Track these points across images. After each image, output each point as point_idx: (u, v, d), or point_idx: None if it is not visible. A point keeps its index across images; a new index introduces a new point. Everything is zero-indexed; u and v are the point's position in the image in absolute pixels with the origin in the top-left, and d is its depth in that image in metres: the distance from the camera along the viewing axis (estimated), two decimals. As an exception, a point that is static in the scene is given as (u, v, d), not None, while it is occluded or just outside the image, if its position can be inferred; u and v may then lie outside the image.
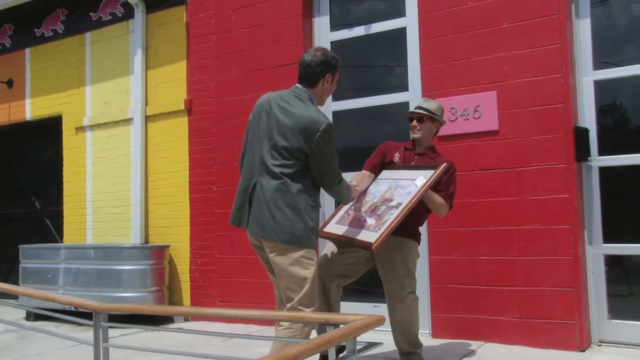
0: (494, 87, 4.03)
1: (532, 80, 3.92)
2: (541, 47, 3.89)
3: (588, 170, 3.95)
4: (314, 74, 2.70)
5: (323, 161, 2.60)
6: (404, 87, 4.53)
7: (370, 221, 2.96)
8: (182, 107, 5.53)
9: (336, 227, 3.10)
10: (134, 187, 5.75)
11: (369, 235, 2.86)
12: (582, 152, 3.87)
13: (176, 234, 5.52)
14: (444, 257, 4.15)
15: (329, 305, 3.07)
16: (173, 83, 5.66)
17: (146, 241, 5.69)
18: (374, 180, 3.26)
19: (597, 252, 3.91)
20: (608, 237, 3.89)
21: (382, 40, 4.72)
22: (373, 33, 4.74)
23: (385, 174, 3.27)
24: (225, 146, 5.22)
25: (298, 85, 2.75)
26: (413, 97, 4.43)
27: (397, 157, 3.26)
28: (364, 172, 3.29)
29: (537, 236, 3.85)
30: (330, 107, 4.78)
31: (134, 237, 5.70)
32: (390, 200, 3.00)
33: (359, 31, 4.81)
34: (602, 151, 3.92)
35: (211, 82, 5.36)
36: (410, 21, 4.52)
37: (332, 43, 4.89)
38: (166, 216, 5.62)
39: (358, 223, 3.03)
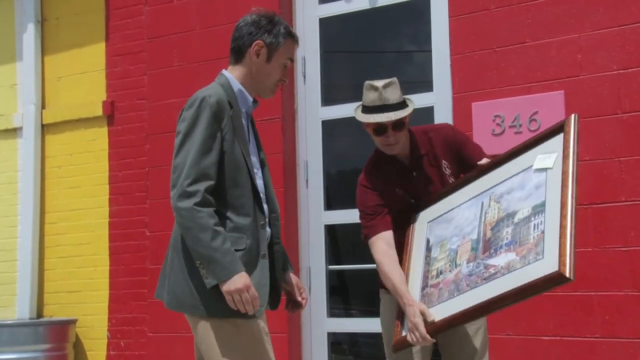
0: (561, 84, 4.06)
1: (620, 73, 3.93)
2: (634, 24, 3.90)
3: None
4: (241, 38, 2.77)
5: (177, 145, 2.60)
6: (426, 85, 4.57)
7: (499, 260, 2.56)
8: (100, 112, 5.53)
9: (446, 307, 2.71)
10: (22, 231, 5.72)
11: (531, 269, 2.42)
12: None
13: (87, 302, 5.49)
14: (490, 336, 3.99)
15: None
16: (84, 76, 5.65)
17: (39, 315, 5.65)
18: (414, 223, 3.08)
19: None
20: None
21: (395, 17, 4.79)
22: (381, 6, 4.75)
23: (425, 212, 3.02)
24: (164, 170, 5.08)
25: (223, 70, 2.86)
26: (440, 99, 4.47)
27: (399, 189, 3.05)
28: (385, 236, 3.00)
29: (632, 307, 3.82)
30: (318, 114, 4.85)
31: (19, 309, 5.62)
32: (511, 214, 2.63)
33: (360, 3, 4.81)
34: None
35: (143, 75, 5.39)
36: (435, -12, 4.62)
37: (322, 20, 4.92)
38: (72, 275, 5.58)
39: (473, 281, 2.64)
